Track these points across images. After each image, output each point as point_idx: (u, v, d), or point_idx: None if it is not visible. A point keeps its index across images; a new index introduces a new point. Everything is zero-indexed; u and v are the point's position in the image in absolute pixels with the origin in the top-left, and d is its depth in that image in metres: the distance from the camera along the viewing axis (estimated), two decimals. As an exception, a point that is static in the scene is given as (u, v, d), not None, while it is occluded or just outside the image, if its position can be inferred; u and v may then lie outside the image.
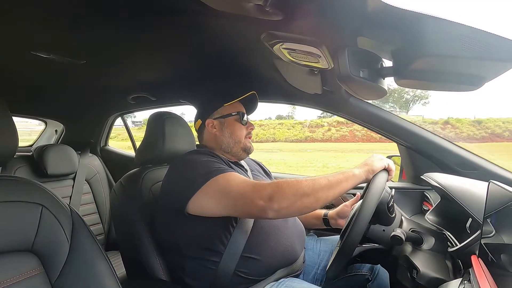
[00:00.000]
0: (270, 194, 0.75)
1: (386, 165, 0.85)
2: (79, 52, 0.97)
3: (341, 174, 0.81)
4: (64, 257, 0.62)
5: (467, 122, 20.86)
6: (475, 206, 0.77)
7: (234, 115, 1.06)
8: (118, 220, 1.02)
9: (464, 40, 0.49)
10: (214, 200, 0.81)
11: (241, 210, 0.81)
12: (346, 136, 22.88)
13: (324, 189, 0.77)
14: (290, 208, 0.76)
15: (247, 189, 0.79)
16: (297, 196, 0.75)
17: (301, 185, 0.76)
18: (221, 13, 0.64)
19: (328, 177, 0.80)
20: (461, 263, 0.75)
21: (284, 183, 0.77)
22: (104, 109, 2.00)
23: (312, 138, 24.97)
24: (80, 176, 1.78)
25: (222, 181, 0.82)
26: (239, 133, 1.05)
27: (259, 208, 0.76)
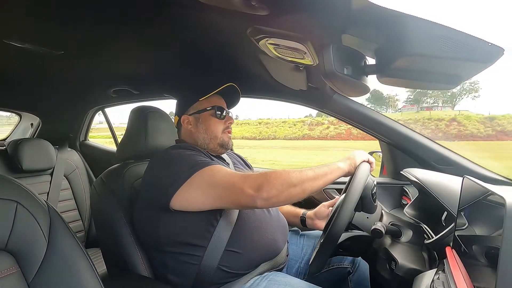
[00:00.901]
0: (259, 183, 0.77)
1: (366, 158, 0.91)
2: (56, 42, 0.93)
3: (326, 166, 0.86)
4: (41, 256, 0.60)
5: (477, 119, 20.81)
6: (450, 200, 0.81)
7: (209, 109, 1.03)
8: (99, 217, 1.00)
9: (442, 41, 0.51)
10: (200, 193, 0.81)
11: (229, 200, 0.81)
12: (342, 134, 23.29)
13: (310, 180, 0.81)
14: (278, 197, 0.78)
15: (235, 179, 0.80)
16: (285, 186, 0.78)
17: (289, 176, 0.79)
18: (207, 6, 0.63)
19: (314, 169, 0.83)
20: (436, 254, 0.79)
21: (273, 173, 0.79)
22: (84, 102, 1.93)
23: (309, 136, 25.43)
24: (58, 172, 1.72)
25: (208, 173, 0.82)
26: (214, 128, 1.03)
27: (248, 197, 0.77)
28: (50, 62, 1.10)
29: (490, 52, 0.52)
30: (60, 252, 0.61)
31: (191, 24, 0.81)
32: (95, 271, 0.65)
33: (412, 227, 0.86)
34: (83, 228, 1.78)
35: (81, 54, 1.06)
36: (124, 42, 0.97)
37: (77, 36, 0.90)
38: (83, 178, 1.85)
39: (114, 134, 2.23)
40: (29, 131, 2.12)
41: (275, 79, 1.22)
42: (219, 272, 0.86)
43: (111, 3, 0.70)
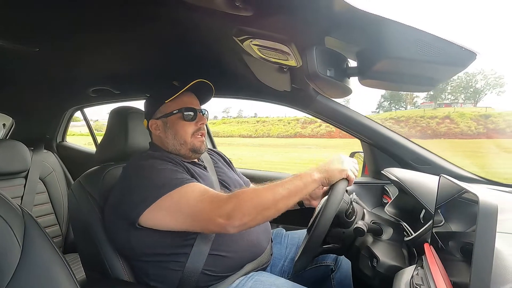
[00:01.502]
0: (230, 210, 0.73)
1: (345, 176, 0.82)
2: (31, 39, 0.89)
3: (300, 180, 0.80)
4: (15, 263, 0.57)
5: (471, 117, 20.98)
6: (428, 198, 0.84)
7: (175, 113, 0.96)
8: (77, 221, 0.96)
9: (419, 45, 0.53)
10: (169, 217, 0.78)
11: (198, 227, 0.78)
12: (332, 132, 23.65)
13: (284, 199, 0.77)
14: (251, 223, 0.75)
15: (204, 206, 0.75)
16: (258, 210, 0.74)
17: (261, 199, 0.75)
18: (191, 5, 0.62)
19: (287, 186, 0.78)
20: (415, 251, 0.81)
21: (244, 196, 0.75)
22: (61, 102, 1.85)
23: (301, 134, 25.84)
24: (33, 174, 1.64)
25: (177, 196, 0.78)
26: (183, 132, 0.96)
27: (218, 226, 0.74)
28: (25, 59, 1.05)
29: (463, 56, 0.54)
30: (35, 259, 0.59)
31: (174, 23, 0.80)
32: (74, 278, 0.62)
33: (392, 225, 0.89)
34: (61, 233, 1.71)
35: (59, 52, 1.02)
36: (105, 40, 0.94)
37: (54, 32, 0.86)
38: (60, 181, 1.77)
39: (93, 135, 2.16)
40: (0, 132, 2.02)
41: (259, 80, 1.22)
42: (203, 276, 0.84)
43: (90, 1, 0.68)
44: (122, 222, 0.83)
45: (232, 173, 1.15)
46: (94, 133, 2.16)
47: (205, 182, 0.92)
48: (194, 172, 0.92)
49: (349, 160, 0.86)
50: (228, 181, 1.06)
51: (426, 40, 0.53)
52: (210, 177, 1.00)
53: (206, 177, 0.97)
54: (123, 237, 0.85)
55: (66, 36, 0.88)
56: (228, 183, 1.05)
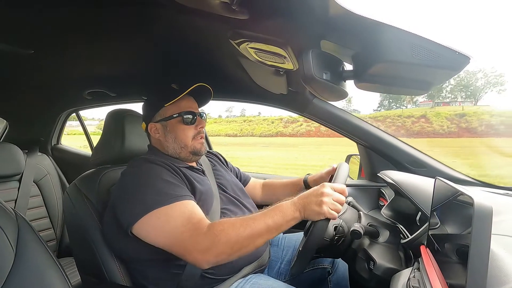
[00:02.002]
0: (206, 247, 0.73)
1: (322, 217, 0.75)
2: (26, 41, 0.88)
3: (280, 216, 0.76)
4: (8, 267, 0.56)
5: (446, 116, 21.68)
6: (423, 200, 0.84)
7: (176, 116, 0.96)
8: (72, 225, 0.95)
9: (414, 48, 0.53)
10: (153, 234, 0.78)
11: (177, 253, 0.77)
12: (311, 131, 24.70)
13: (262, 235, 0.75)
14: (226, 260, 0.75)
15: (184, 237, 0.75)
16: (235, 249, 0.74)
17: (239, 238, 0.73)
18: (188, 8, 0.62)
19: (267, 221, 0.76)
20: (412, 253, 0.82)
21: (222, 234, 0.73)
22: (56, 104, 1.83)
23: (282, 133, 26.59)
24: (27, 177, 1.62)
25: (164, 216, 0.77)
26: (184, 136, 0.97)
27: (193, 260, 0.75)
28: (19, 61, 1.04)
29: (457, 60, 0.55)
30: (29, 263, 0.58)
31: (171, 26, 0.80)
32: (68, 282, 0.62)
33: (389, 227, 0.89)
34: (55, 237, 1.68)
35: (54, 54, 1.02)
36: (101, 42, 0.94)
37: (49, 34, 0.85)
38: (55, 184, 1.75)
39: (89, 138, 2.15)
40: (-6, 134, 1.99)
41: (256, 83, 1.22)
42: (203, 278, 0.84)
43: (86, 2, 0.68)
44: (119, 228, 0.82)
45: (230, 175, 1.16)
46: (90, 136, 2.15)
47: (203, 187, 0.92)
48: (192, 178, 0.91)
49: (328, 197, 0.75)
50: (226, 184, 1.06)
51: (421, 44, 0.53)
52: (207, 181, 1.00)
53: (203, 182, 0.96)
54: (121, 241, 0.85)
55: (61, 38, 0.88)
56: (226, 186, 1.05)
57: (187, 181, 0.90)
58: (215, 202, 0.94)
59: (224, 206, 0.96)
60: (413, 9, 26.64)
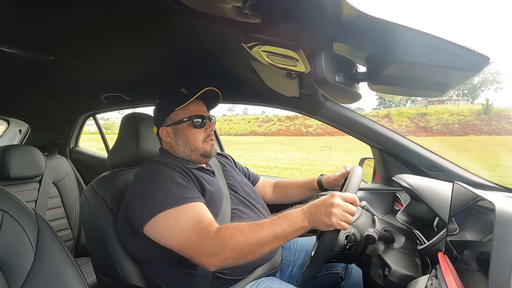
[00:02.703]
0: (214, 251, 0.74)
1: (332, 228, 0.73)
2: (46, 48, 0.92)
3: (289, 225, 0.75)
4: (29, 265, 0.58)
5: (408, 115, 22.19)
6: (441, 205, 0.82)
7: (186, 120, 0.98)
8: (89, 225, 0.98)
9: (430, 49, 0.52)
10: (162, 236, 0.80)
11: (184, 255, 0.79)
12: (281, 130, 25.65)
13: (270, 243, 0.75)
14: (233, 264, 0.76)
15: (192, 240, 0.76)
16: (242, 255, 0.74)
17: (246, 244, 0.73)
18: (200, 13, 0.63)
19: (275, 229, 0.75)
20: (429, 260, 0.79)
21: (230, 239, 0.74)
22: (74, 108, 1.90)
23: (255, 132, 27.52)
24: (47, 179, 1.68)
25: (173, 218, 0.79)
26: (194, 139, 0.99)
27: (200, 263, 0.76)
28: (40, 67, 1.09)
29: (476, 60, 0.53)
30: (48, 262, 0.60)
31: (184, 31, 0.81)
32: (85, 281, 0.63)
33: (404, 233, 0.87)
34: (72, 237, 1.73)
35: (72, 60, 1.05)
36: (116, 48, 0.97)
37: (68, 41, 0.89)
38: (72, 185, 1.81)
39: (105, 140, 2.20)
40: (17, 137, 2.08)
41: (268, 85, 1.22)
42: (215, 279, 0.85)
43: (103, 9, 0.70)
44: (132, 228, 0.84)
45: (240, 176, 1.16)
46: (106, 138, 2.20)
47: (213, 188, 0.93)
48: (202, 179, 0.93)
49: (338, 209, 0.73)
50: (236, 184, 1.07)
51: (437, 44, 0.52)
52: (217, 182, 1.00)
53: (213, 182, 0.97)
54: (134, 241, 0.86)
55: (80, 44, 0.91)
56: (236, 187, 1.05)
57: (197, 182, 0.91)
58: (225, 202, 0.95)
59: (235, 207, 0.97)
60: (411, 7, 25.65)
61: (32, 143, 1.76)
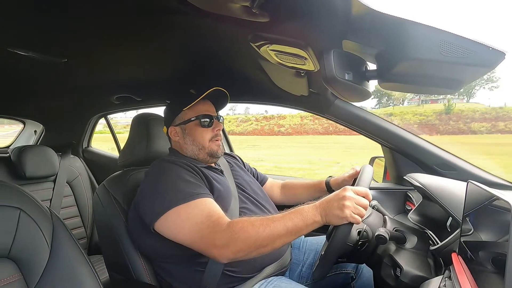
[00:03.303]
0: (225, 243, 0.75)
1: (345, 222, 0.73)
2: (60, 50, 0.94)
3: (301, 219, 0.75)
4: (44, 262, 0.60)
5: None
6: (454, 205, 0.80)
7: (193, 120, 1.00)
8: (101, 224, 1.00)
9: (442, 45, 0.51)
10: (174, 231, 0.81)
11: (197, 249, 0.80)
12: (257, 129, 27.32)
13: (281, 237, 0.75)
14: (244, 257, 0.76)
15: (204, 233, 0.77)
16: (253, 248, 0.74)
17: (258, 237, 0.74)
18: (208, 13, 0.63)
19: (287, 224, 0.75)
20: (442, 261, 0.78)
21: (241, 232, 0.74)
22: (86, 109, 1.94)
23: (233, 132, 28.94)
24: (61, 178, 1.72)
25: (184, 213, 0.80)
26: (201, 138, 1.00)
27: (213, 255, 0.77)
28: (54, 69, 1.12)
29: (491, 56, 0.52)
30: (62, 259, 0.61)
31: (192, 32, 0.82)
32: (98, 279, 0.65)
33: (416, 233, 0.85)
34: (86, 235, 1.77)
35: (84, 62, 1.08)
36: (126, 50, 0.98)
37: (80, 44, 0.91)
38: (85, 184, 1.85)
39: (116, 140, 2.24)
40: (32, 138, 2.14)
41: (276, 85, 1.22)
42: (225, 276, 0.86)
43: (114, 12, 0.71)
44: (143, 226, 0.86)
45: (249, 175, 1.17)
46: (117, 139, 2.24)
47: (221, 186, 0.94)
48: (210, 177, 0.93)
49: (351, 201, 0.73)
50: (244, 184, 1.07)
51: (450, 40, 0.51)
52: (226, 181, 1.01)
53: (222, 181, 0.98)
54: (146, 239, 0.88)
55: (92, 47, 0.93)
56: (244, 186, 1.06)
57: (206, 180, 0.92)
58: (233, 201, 0.95)
59: (243, 205, 0.98)
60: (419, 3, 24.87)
61: (47, 144, 1.80)
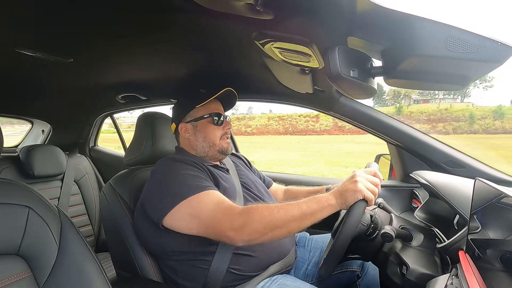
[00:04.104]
0: (240, 225, 0.75)
1: (360, 197, 0.75)
2: (66, 50, 0.95)
3: (315, 203, 0.77)
4: (53, 260, 0.61)
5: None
6: (462, 203, 0.79)
7: (206, 117, 1.02)
8: (108, 222, 1.01)
9: (449, 41, 0.50)
10: (186, 222, 0.82)
11: (212, 235, 0.81)
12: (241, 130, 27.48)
13: (296, 220, 0.75)
14: (260, 239, 0.76)
15: (218, 218, 0.78)
16: (268, 229, 0.75)
17: (273, 218, 0.75)
18: (212, 11, 0.63)
19: (301, 207, 0.76)
20: (449, 259, 0.77)
21: (256, 213, 0.76)
22: (93, 108, 1.96)
23: None
24: (68, 177, 1.75)
25: (195, 203, 0.81)
26: (213, 136, 1.02)
27: (228, 238, 0.77)
28: (60, 70, 1.13)
29: (499, 51, 0.51)
30: (70, 256, 0.62)
31: (196, 30, 0.82)
32: (105, 276, 0.65)
33: (423, 230, 0.85)
34: (93, 233, 1.80)
35: (90, 62, 1.09)
36: (132, 49, 0.99)
37: (86, 44, 0.91)
38: (92, 183, 1.87)
39: (122, 139, 2.26)
40: (40, 137, 2.17)
41: (281, 82, 1.22)
42: (229, 274, 0.86)
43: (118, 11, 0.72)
44: (149, 223, 0.87)
45: (253, 175, 1.17)
46: (123, 138, 2.26)
47: (227, 184, 0.95)
48: (216, 175, 0.94)
49: (363, 178, 0.77)
50: (249, 183, 1.08)
51: (457, 35, 0.50)
52: (231, 179, 1.02)
53: (227, 179, 0.99)
54: (152, 237, 0.89)
55: (98, 46, 0.94)
56: (249, 185, 1.06)
57: (212, 177, 0.93)
58: (238, 199, 0.96)
59: (248, 204, 0.98)
60: None
61: (54, 143, 1.83)
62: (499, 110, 20.56)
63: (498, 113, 20.22)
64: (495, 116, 20.71)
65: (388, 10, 0.50)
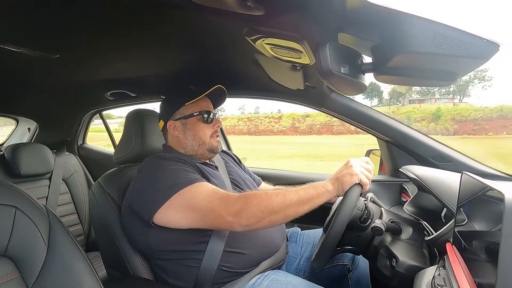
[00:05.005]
0: (238, 209, 0.75)
1: (356, 181, 0.78)
2: (51, 46, 0.93)
3: (312, 189, 0.79)
4: (42, 260, 0.60)
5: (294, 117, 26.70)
6: (449, 196, 0.81)
7: (196, 115, 0.99)
8: (97, 221, 0.99)
9: (437, 37, 0.51)
10: (180, 214, 0.81)
11: (209, 223, 0.80)
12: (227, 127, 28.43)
13: (294, 205, 0.76)
14: (258, 224, 0.76)
15: (215, 204, 0.78)
16: (266, 214, 0.75)
17: (270, 202, 0.75)
18: (203, 7, 0.62)
19: (299, 192, 0.78)
20: (436, 251, 0.79)
21: (254, 198, 0.76)
22: (81, 106, 1.92)
23: None
24: (56, 176, 1.71)
25: (188, 194, 0.80)
26: (202, 134, 1.00)
27: (227, 224, 0.77)
28: (46, 66, 1.10)
29: (485, 48, 0.52)
30: (60, 256, 0.61)
31: (186, 26, 0.81)
32: (96, 275, 0.65)
33: (412, 224, 0.87)
34: (83, 232, 1.77)
35: (77, 58, 1.06)
36: (120, 45, 0.97)
37: (72, 39, 0.89)
38: (81, 182, 1.84)
39: (112, 137, 2.23)
40: (26, 135, 2.11)
41: (272, 79, 1.22)
42: (220, 272, 0.86)
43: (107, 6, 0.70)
44: (138, 222, 0.85)
45: (243, 172, 1.17)
46: (113, 135, 2.23)
47: (216, 181, 0.94)
48: (206, 172, 0.94)
49: (357, 164, 0.81)
50: (239, 180, 1.08)
51: (445, 32, 0.51)
52: (221, 176, 1.01)
53: (217, 176, 0.98)
54: (140, 235, 0.87)
55: (85, 42, 0.92)
56: (239, 182, 1.06)
57: (201, 174, 0.92)
58: None
59: None
60: None
61: (41, 141, 1.78)
62: (436, 112, 21.25)
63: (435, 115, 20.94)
64: (433, 118, 21.50)
65: (377, 7, 0.50)
